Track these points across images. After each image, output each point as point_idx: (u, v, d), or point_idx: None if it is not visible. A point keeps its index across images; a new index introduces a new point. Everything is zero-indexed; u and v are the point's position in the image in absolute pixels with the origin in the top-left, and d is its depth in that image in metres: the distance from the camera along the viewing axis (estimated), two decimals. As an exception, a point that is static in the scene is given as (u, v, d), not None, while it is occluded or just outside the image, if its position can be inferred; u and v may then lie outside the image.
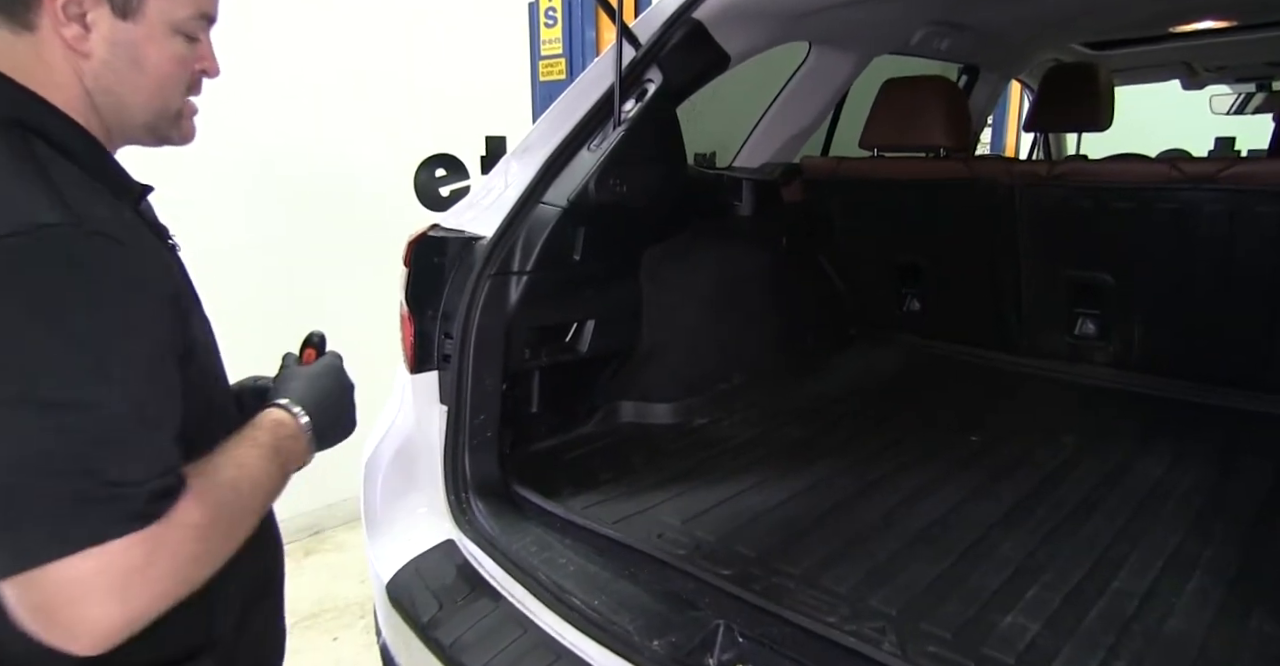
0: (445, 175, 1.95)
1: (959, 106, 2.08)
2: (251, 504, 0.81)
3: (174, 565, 0.68)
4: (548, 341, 1.71)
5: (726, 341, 2.08)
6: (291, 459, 0.91)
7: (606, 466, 1.69)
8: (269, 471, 0.84)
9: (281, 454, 0.88)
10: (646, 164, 1.71)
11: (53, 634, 0.64)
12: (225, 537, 0.76)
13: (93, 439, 0.63)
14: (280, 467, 0.87)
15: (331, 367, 1.05)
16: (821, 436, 1.84)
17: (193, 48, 0.83)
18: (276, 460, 0.86)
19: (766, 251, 2.24)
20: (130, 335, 0.68)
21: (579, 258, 1.65)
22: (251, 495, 0.81)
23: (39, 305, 0.64)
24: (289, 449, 0.91)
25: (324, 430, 0.98)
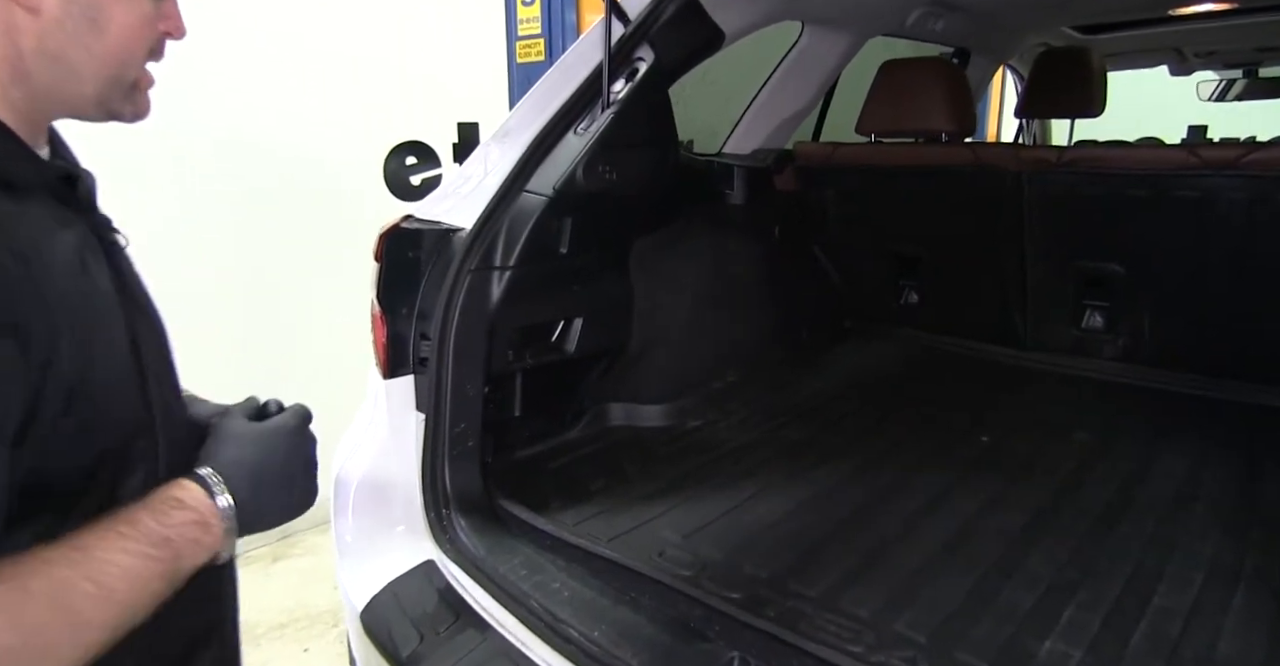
0: (416, 163, 1.82)
1: (961, 89, 1.99)
2: (87, 615, 0.61)
3: None
4: (533, 341, 1.59)
5: (720, 337, 1.97)
6: (186, 553, 0.70)
7: (597, 475, 1.58)
8: (131, 570, 0.64)
9: (171, 546, 0.68)
10: (638, 148, 1.59)
11: None
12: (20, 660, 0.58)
13: None
14: (162, 564, 0.67)
15: (283, 429, 0.83)
16: (823, 437, 1.74)
17: (158, 5, 0.71)
18: (156, 554, 0.67)
19: (759, 242, 2.13)
20: None
21: (566, 250, 1.53)
22: (91, 604, 0.62)
23: None
24: (187, 538, 0.70)
25: (259, 510, 0.78)
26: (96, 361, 0.65)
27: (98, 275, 0.68)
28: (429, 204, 1.57)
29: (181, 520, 0.70)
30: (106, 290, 0.69)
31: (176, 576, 0.69)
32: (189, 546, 0.70)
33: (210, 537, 0.72)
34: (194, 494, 0.72)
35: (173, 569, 0.68)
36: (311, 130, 2.67)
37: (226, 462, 0.77)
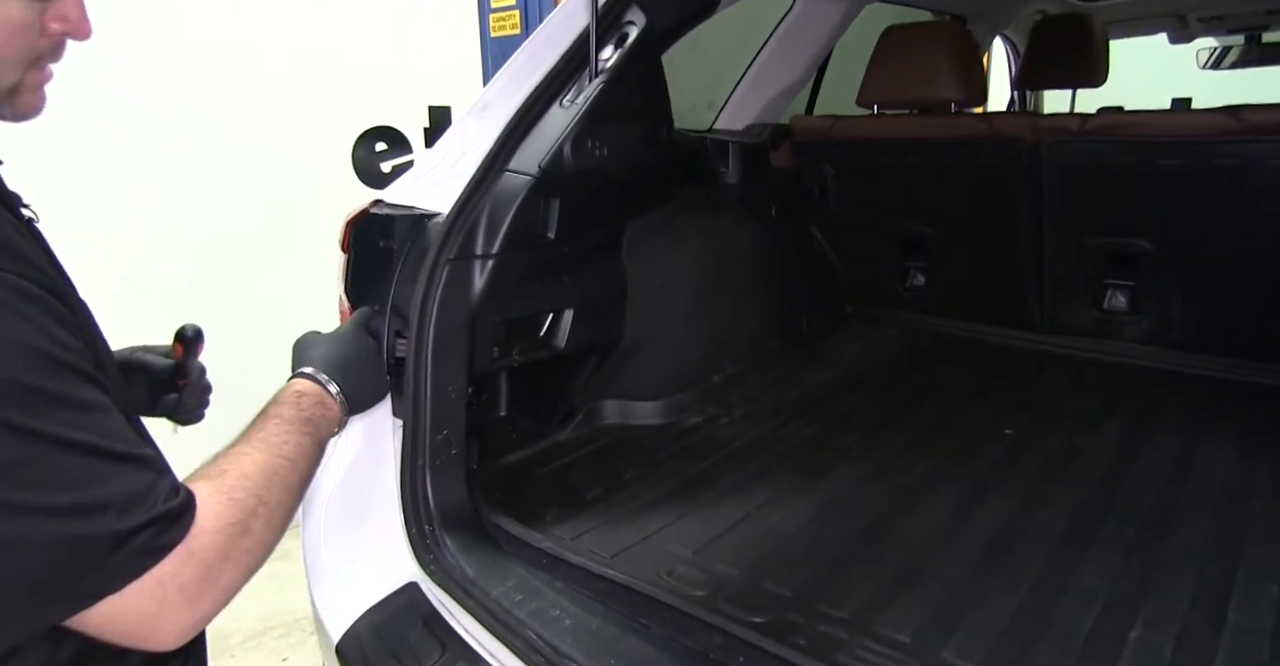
0: (386, 149, 1.68)
1: (970, 54, 1.86)
2: (289, 479, 0.83)
3: (223, 564, 0.71)
4: (519, 336, 1.44)
5: (716, 327, 1.84)
6: (323, 426, 0.95)
7: (593, 481, 1.44)
8: (299, 444, 0.87)
9: (311, 423, 0.92)
10: (630, 122, 1.45)
11: (135, 644, 0.68)
12: (270, 521, 0.78)
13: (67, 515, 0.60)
14: (312, 437, 0.91)
15: (348, 333, 1.12)
16: (834, 434, 1.61)
17: (47, 7, 0.69)
18: (305, 429, 0.90)
19: (756, 223, 2.00)
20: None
21: (553, 235, 1.39)
22: (288, 471, 0.83)
23: None
24: (318, 416, 0.95)
25: (352, 394, 1.04)
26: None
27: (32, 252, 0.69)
28: (401, 187, 1.42)
29: (310, 403, 0.95)
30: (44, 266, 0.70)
31: (322, 445, 0.95)
32: (323, 422, 0.96)
33: (332, 413, 0.99)
34: (308, 387, 0.99)
35: (318, 439, 0.93)
36: (266, 115, 2.48)
37: (320, 361, 1.03)
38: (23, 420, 0.58)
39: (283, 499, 0.81)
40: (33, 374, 0.59)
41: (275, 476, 0.81)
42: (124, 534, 0.63)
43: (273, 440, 0.85)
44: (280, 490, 0.81)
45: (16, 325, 0.60)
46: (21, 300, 0.61)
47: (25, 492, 0.58)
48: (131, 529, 0.63)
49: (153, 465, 0.68)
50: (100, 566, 0.62)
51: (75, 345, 0.65)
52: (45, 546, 0.59)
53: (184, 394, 1.06)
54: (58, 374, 0.62)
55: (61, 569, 0.60)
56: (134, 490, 0.64)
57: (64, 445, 0.60)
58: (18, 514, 0.57)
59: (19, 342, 0.59)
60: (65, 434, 0.60)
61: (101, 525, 0.61)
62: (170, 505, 0.67)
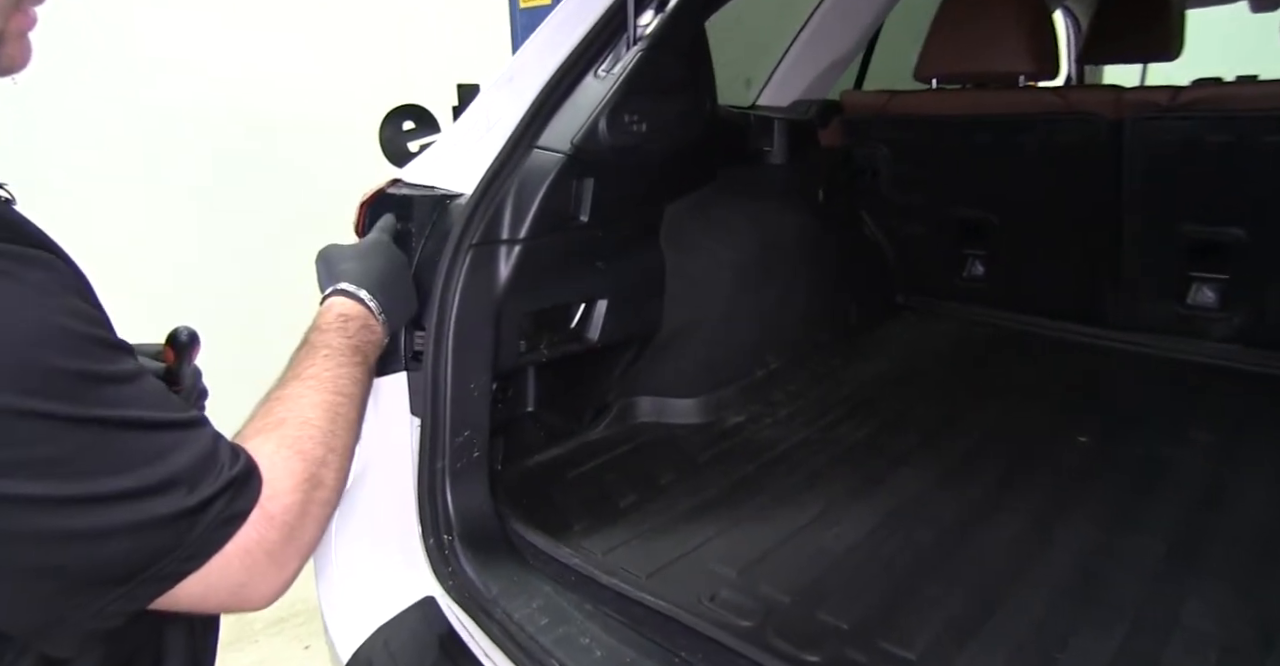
0: (414, 128, 1.58)
1: (1043, 21, 1.69)
2: (350, 416, 0.80)
3: (304, 522, 0.69)
4: (548, 329, 1.33)
5: (760, 318, 1.71)
6: (370, 351, 0.91)
7: (626, 486, 1.33)
8: (353, 376, 0.84)
9: (360, 351, 0.88)
10: (671, 94, 1.32)
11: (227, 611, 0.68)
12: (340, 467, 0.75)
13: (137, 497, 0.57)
14: (363, 366, 0.87)
15: (378, 243, 1.05)
16: (889, 437, 1.48)
17: None
18: (355, 359, 0.86)
19: (802, 207, 1.86)
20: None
21: (586, 218, 1.27)
22: (349, 408, 0.80)
23: None
24: (365, 342, 0.91)
25: (392, 306, 0.98)
26: None
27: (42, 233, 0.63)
28: (421, 165, 1.30)
29: (356, 328, 0.90)
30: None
31: (372, 370, 0.91)
32: (369, 346, 0.92)
33: (375, 334, 0.94)
34: (350, 306, 0.93)
35: (368, 365, 0.90)
36: (291, 94, 2.38)
37: (356, 276, 0.97)
38: (68, 409, 0.53)
39: (347, 440, 0.78)
40: (66, 356, 0.54)
41: (338, 418, 0.77)
42: (197, 507, 0.60)
43: (326, 376, 0.81)
44: (344, 431, 0.78)
45: (33, 302, 0.54)
46: (29, 269, 0.55)
47: (89, 483, 0.54)
48: (204, 501, 0.60)
49: (206, 426, 0.64)
50: (180, 545, 0.59)
51: (98, 316, 0.60)
52: (121, 535, 0.56)
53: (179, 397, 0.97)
54: (89, 350, 0.56)
55: (142, 554, 0.58)
56: (198, 459, 0.61)
57: (117, 426, 0.57)
58: (86, 507, 0.54)
59: (42, 323, 0.54)
60: (115, 413, 0.56)
61: (174, 503, 0.58)
62: (235, 471, 0.64)
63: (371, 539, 1.21)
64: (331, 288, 0.96)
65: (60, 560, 0.54)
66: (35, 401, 0.52)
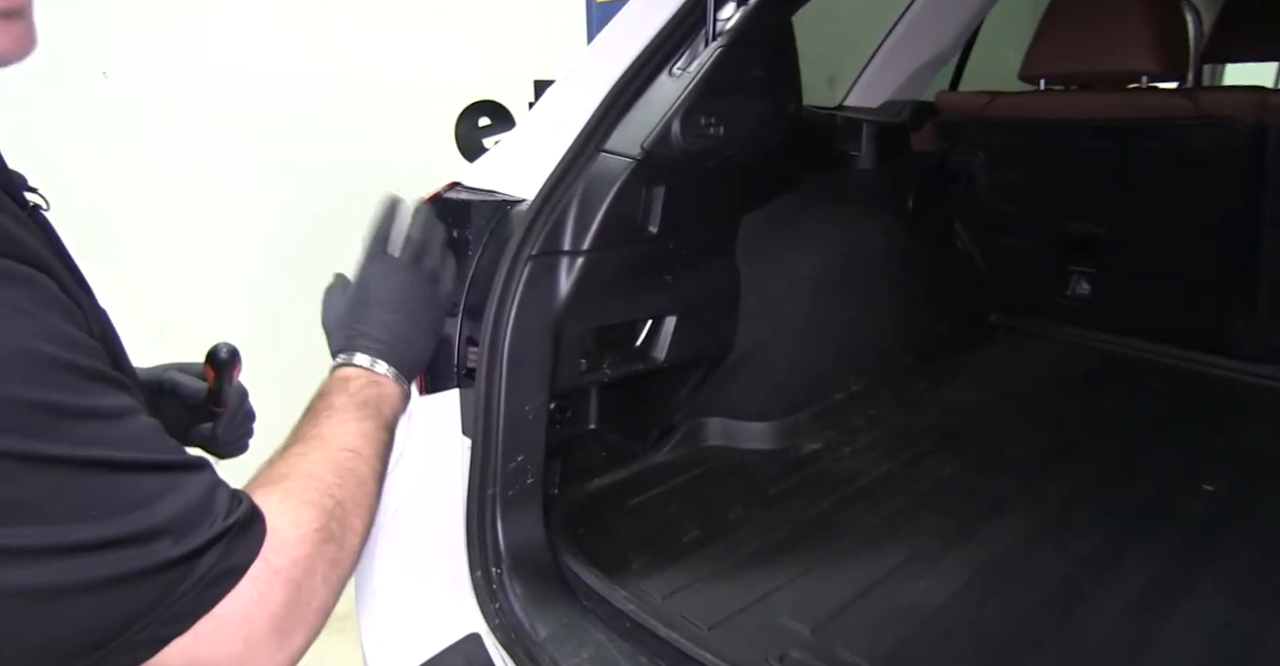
0: (490, 125, 1.52)
1: (1169, 15, 1.52)
2: (360, 471, 0.73)
3: (312, 580, 0.60)
4: (611, 347, 1.24)
5: (841, 337, 1.58)
6: (384, 405, 0.84)
7: (691, 519, 1.23)
8: (362, 431, 0.77)
9: (369, 405, 0.81)
10: (751, 95, 1.21)
11: None
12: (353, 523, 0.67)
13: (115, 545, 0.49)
14: (374, 420, 0.80)
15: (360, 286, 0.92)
16: (983, 475, 1.34)
17: None
18: (363, 413, 0.79)
19: (890, 216, 1.72)
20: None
21: (656, 229, 1.17)
22: (357, 463, 0.73)
23: None
24: (375, 397, 0.83)
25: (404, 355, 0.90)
26: None
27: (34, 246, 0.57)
28: (483, 167, 1.23)
29: (359, 386, 0.83)
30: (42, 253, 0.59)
31: (389, 426, 0.83)
32: (382, 401, 0.83)
33: (387, 389, 0.86)
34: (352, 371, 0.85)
35: (383, 421, 0.82)
36: (367, 91, 2.36)
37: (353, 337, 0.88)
38: (33, 447, 0.46)
39: (359, 496, 0.70)
40: (31, 384, 0.47)
41: (345, 471, 0.70)
42: (185, 559, 0.52)
43: (329, 434, 0.74)
44: (355, 486, 0.70)
45: (7, 322, 0.47)
46: (9, 286, 0.48)
47: (53, 532, 0.46)
48: (193, 551, 0.52)
49: (205, 469, 0.56)
50: (161, 604, 0.50)
51: (84, 340, 0.53)
52: (89, 593, 0.48)
53: (220, 422, 0.92)
54: (63, 379, 0.49)
55: (113, 616, 0.49)
56: (189, 504, 0.53)
57: (92, 467, 0.49)
58: (47, 559, 0.46)
59: (11, 346, 0.47)
60: (90, 453, 0.49)
61: (156, 554, 0.50)
62: (237, 515, 0.56)
63: (417, 566, 1.14)
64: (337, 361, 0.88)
65: (12, 624, 0.46)
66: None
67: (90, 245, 1.90)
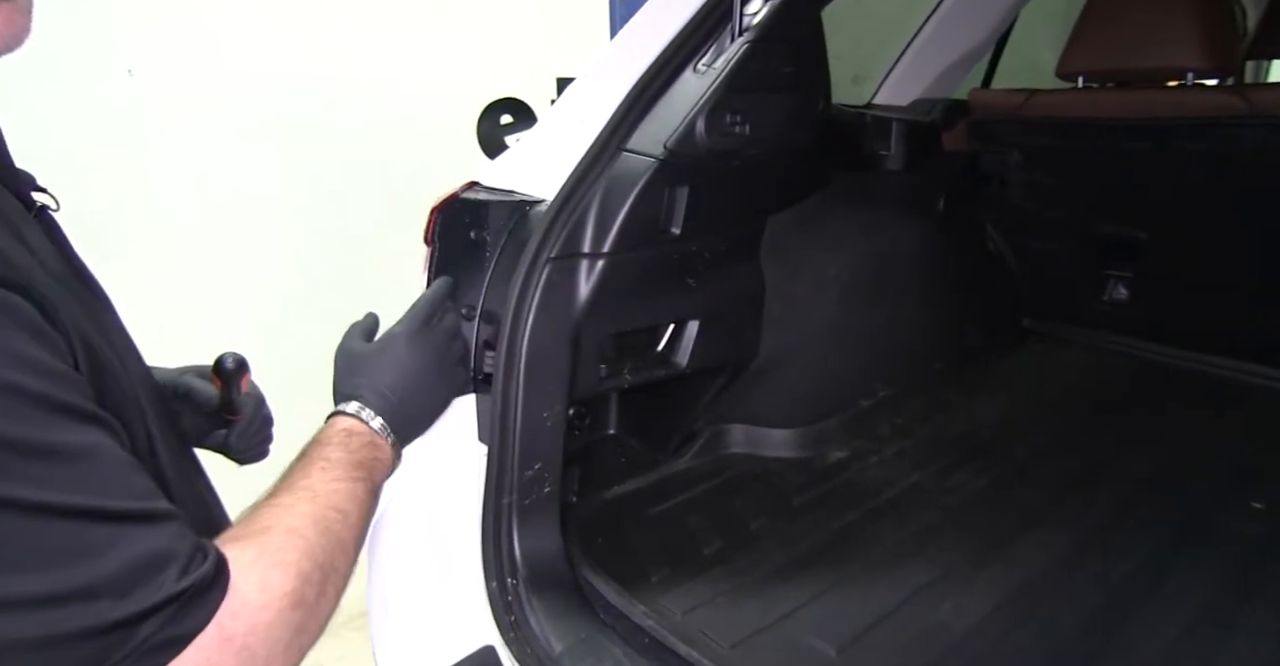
0: (512, 123, 1.50)
1: (1222, 8, 1.45)
2: (344, 536, 0.68)
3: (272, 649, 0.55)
4: (632, 352, 1.20)
5: (868, 342, 1.53)
6: (377, 470, 0.81)
7: (712, 530, 1.19)
8: (352, 493, 0.73)
9: (364, 467, 0.78)
10: (779, 92, 1.17)
11: None
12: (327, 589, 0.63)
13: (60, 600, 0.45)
14: (366, 483, 0.77)
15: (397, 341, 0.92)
16: (1015, 488, 1.29)
17: None
18: (356, 474, 0.76)
19: (920, 218, 1.67)
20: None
21: (679, 231, 1.14)
22: (342, 526, 0.69)
23: None
24: (370, 460, 0.80)
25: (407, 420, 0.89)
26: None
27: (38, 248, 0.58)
28: (501, 166, 1.20)
29: (359, 444, 0.80)
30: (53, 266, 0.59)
31: (377, 491, 0.80)
32: (375, 464, 0.81)
33: (384, 453, 0.83)
34: (353, 423, 0.83)
35: (372, 486, 0.78)
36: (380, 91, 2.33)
37: (365, 390, 0.86)
38: None
39: (338, 561, 0.67)
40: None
41: (329, 533, 0.66)
42: (124, 624, 0.47)
43: (321, 489, 0.70)
44: (336, 550, 0.66)
45: None
46: None
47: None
48: (134, 616, 0.47)
49: (170, 521, 0.52)
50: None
51: (56, 368, 0.49)
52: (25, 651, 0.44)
53: (234, 430, 0.90)
54: (26, 412, 0.46)
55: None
56: (137, 561, 0.48)
57: (39, 511, 0.45)
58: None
59: None
60: (40, 496, 0.45)
61: (96, 615, 0.46)
62: (194, 577, 0.50)
63: (431, 576, 1.12)
64: (338, 409, 0.85)
65: None
66: None
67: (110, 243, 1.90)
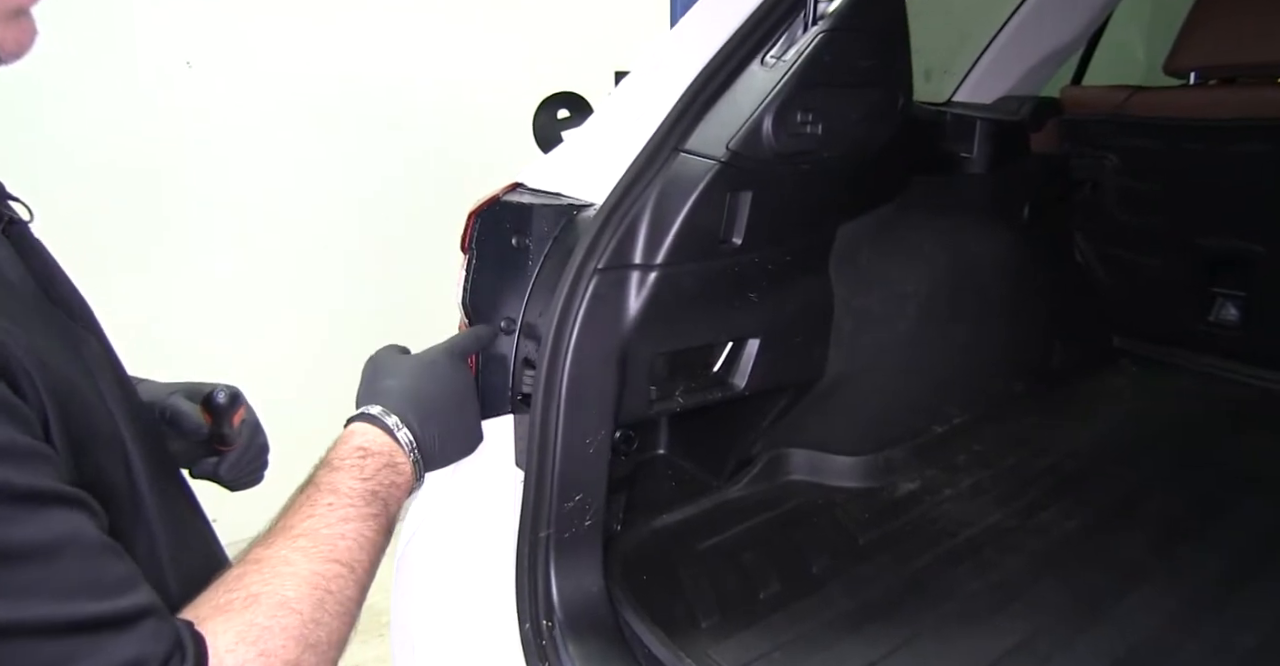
0: (569, 117, 1.43)
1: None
2: (345, 595, 0.59)
3: None
4: (685, 372, 1.10)
5: (944, 362, 1.41)
6: (392, 501, 0.71)
7: (770, 570, 1.08)
8: (361, 536, 0.64)
9: (378, 499, 0.69)
10: (856, 88, 1.05)
11: None
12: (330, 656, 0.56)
13: None
14: (378, 519, 0.67)
15: (441, 361, 0.84)
16: (1111, 536, 1.15)
17: None
18: (369, 509, 0.67)
19: (1003, 226, 1.54)
20: None
21: (740, 241, 1.03)
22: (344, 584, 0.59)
23: None
24: (386, 488, 0.70)
25: (436, 442, 0.79)
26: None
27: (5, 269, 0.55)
28: (548, 167, 1.10)
29: (375, 467, 0.70)
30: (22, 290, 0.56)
31: (391, 526, 0.69)
32: (392, 493, 0.71)
33: (403, 478, 0.73)
34: (373, 437, 0.73)
35: (387, 520, 0.69)
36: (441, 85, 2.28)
37: (394, 397, 0.77)
38: None
39: (336, 628, 0.58)
40: None
41: (328, 600, 0.58)
42: None
43: (324, 535, 0.62)
44: (334, 618, 0.58)
45: None
46: None
47: None
48: None
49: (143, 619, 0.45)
50: None
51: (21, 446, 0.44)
52: None
53: (225, 460, 0.82)
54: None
55: None
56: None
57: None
58: None
59: None
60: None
61: None
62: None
63: (460, 614, 1.03)
64: (360, 411, 0.76)
65: None
66: None
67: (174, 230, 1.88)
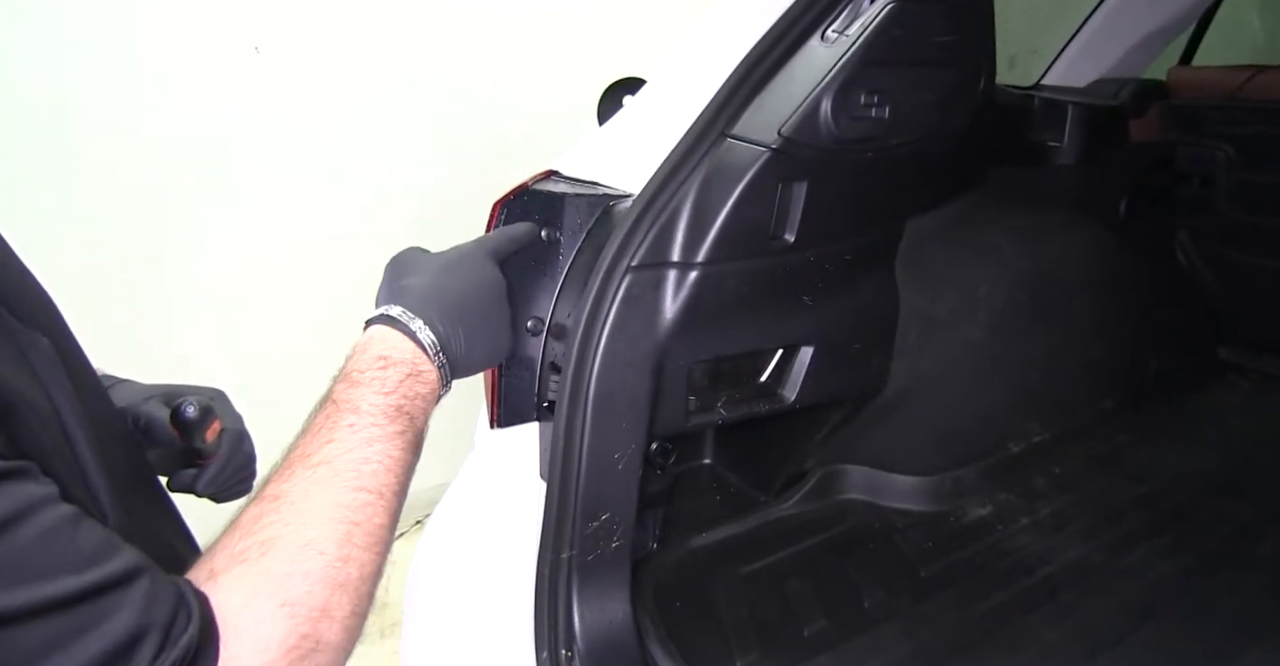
0: None
1: None
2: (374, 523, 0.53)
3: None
4: (729, 381, 1.00)
5: (1023, 374, 1.27)
6: (419, 414, 0.63)
7: (817, 602, 0.97)
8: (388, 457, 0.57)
9: (404, 414, 0.60)
10: (929, 68, 0.94)
11: None
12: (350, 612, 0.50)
13: None
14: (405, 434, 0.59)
15: (470, 256, 0.75)
16: (1218, 578, 1.01)
17: None
18: (394, 427, 0.59)
19: (1096, 224, 1.39)
20: None
21: (793, 238, 0.93)
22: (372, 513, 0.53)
23: None
24: (412, 400, 0.62)
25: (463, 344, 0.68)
26: None
27: None
28: (586, 153, 1.02)
29: (399, 379, 0.62)
30: None
31: (419, 441, 0.63)
32: (417, 405, 0.63)
33: (428, 388, 0.65)
34: (395, 343, 0.65)
35: (414, 436, 0.62)
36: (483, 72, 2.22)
37: (416, 296, 0.68)
38: None
39: (367, 560, 0.52)
40: None
41: (355, 533, 0.52)
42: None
43: (346, 460, 0.55)
44: (363, 549, 0.52)
45: None
46: None
47: None
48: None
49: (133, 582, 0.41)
50: None
51: None
52: None
53: (204, 473, 0.76)
54: None
55: None
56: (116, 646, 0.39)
57: None
58: None
59: None
60: None
61: None
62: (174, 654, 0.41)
63: (474, 640, 0.96)
64: (380, 312, 0.67)
65: None
66: None
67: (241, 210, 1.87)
